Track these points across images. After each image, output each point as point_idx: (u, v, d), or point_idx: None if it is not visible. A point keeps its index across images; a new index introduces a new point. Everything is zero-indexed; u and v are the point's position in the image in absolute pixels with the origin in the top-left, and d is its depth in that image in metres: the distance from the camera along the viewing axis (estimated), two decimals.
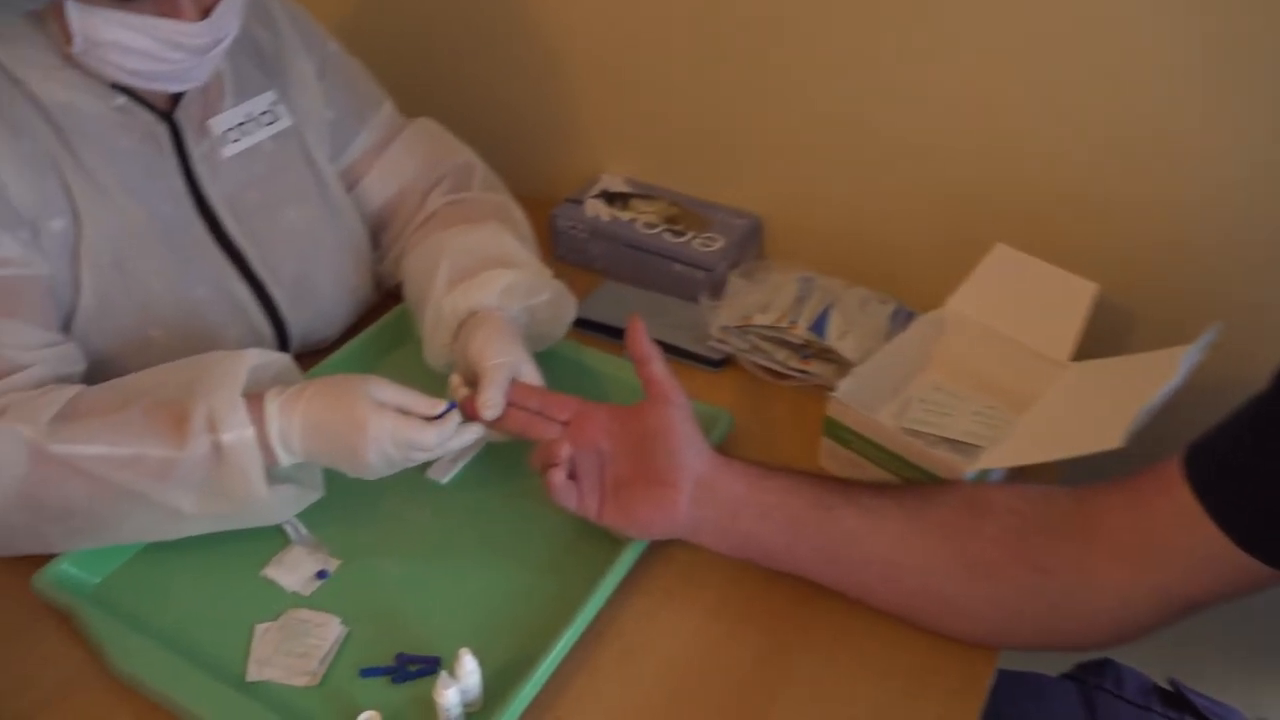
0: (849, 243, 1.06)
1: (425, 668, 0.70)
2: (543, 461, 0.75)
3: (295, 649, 0.71)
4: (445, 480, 0.85)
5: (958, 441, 0.84)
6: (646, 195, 1.14)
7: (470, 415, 0.76)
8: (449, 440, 0.73)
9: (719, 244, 1.06)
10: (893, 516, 0.70)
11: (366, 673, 0.70)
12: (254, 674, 0.70)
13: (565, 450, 0.73)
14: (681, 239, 1.07)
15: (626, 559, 0.74)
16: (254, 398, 0.71)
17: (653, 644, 0.73)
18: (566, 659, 0.69)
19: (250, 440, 0.69)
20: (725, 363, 0.98)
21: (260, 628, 0.73)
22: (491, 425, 0.77)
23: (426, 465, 0.85)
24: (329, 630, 0.72)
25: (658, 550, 0.77)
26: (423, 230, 0.95)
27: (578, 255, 1.12)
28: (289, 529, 0.79)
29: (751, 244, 1.11)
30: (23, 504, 0.68)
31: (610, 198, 1.14)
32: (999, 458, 0.77)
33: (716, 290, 1.01)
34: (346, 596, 0.75)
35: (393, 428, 0.70)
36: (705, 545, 0.74)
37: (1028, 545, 0.66)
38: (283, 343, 0.93)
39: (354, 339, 0.96)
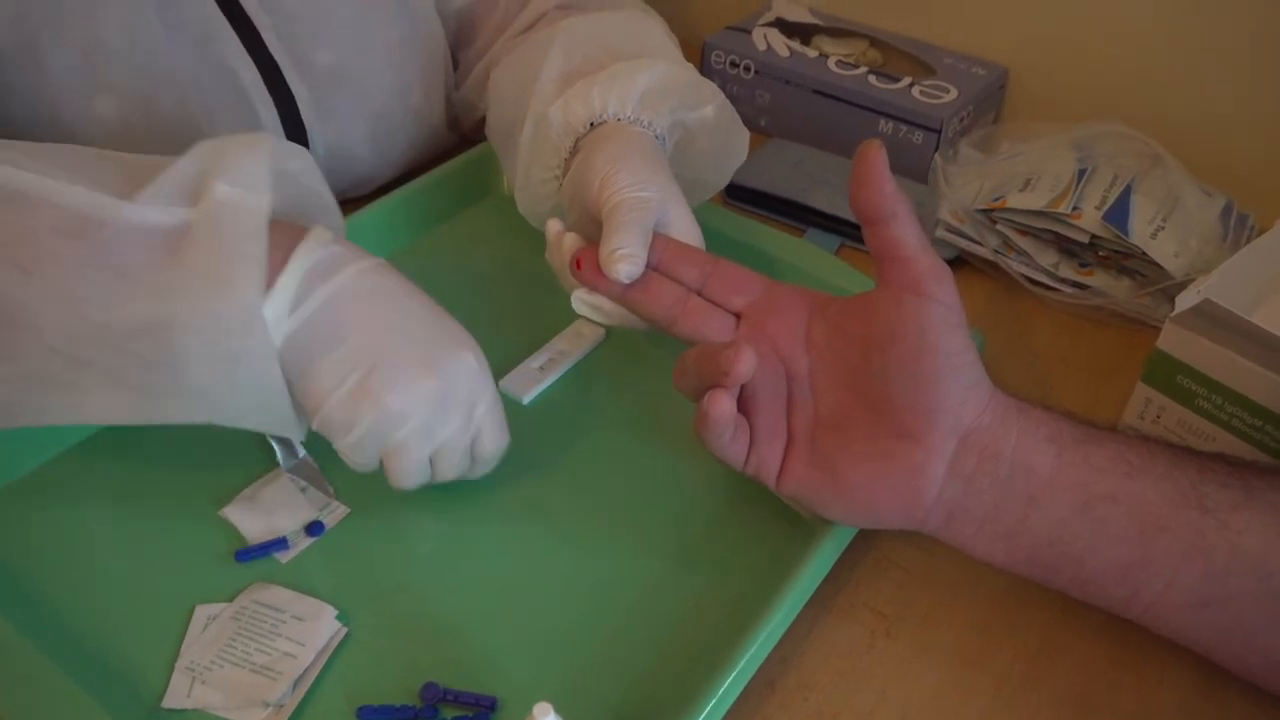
0: (1144, 111, 0.72)
1: (471, 716, 0.40)
2: (698, 377, 0.43)
3: (254, 656, 0.42)
4: (528, 400, 0.54)
5: None
6: (836, 31, 0.82)
7: (585, 279, 0.46)
8: None
9: (950, 95, 0.73)
10: None
11: (369, 714, 0.40)
12: (175, 698, 0.40)
13: (744, 361, 0.41)
14: (895, 84, 0.74)
15: (821, 559, 0.44)
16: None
17: (864, 708, 0.42)
18: None
19: (261, 211, 0.40)
20: (954, 264, 0.66)
21: (203, 612, 0.43)
22: (621, 298, 0.46)
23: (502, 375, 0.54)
24: (315, 629, 0.43)
25: (871, 546, 0.48)
26: (523, 39, 0.66)
27: (736, 104, 0.80)
28: (277, 446, 0.50)
29: (990, 105, 0.77)
30: None
31: (788, 29, 0.81)
32: None
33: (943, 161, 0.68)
34: (349, 573, 0.45)
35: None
36: (961, 547, 0.43)
37: None
38: None
39: (411, 183, 0.65)
